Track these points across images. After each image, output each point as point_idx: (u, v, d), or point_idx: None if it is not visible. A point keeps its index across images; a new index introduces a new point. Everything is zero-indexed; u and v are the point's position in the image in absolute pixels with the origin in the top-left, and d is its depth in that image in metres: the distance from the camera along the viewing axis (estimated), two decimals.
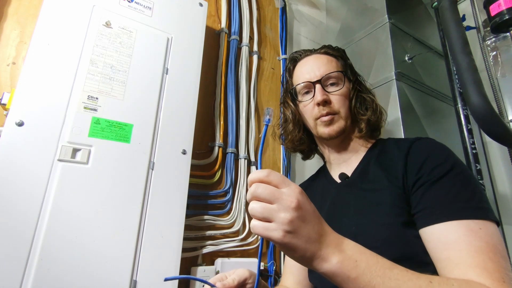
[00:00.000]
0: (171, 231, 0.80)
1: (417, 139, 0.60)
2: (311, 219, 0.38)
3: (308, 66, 0.71)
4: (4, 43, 0.80)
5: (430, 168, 0.52)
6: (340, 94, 0.67)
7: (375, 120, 0.68)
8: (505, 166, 1.22)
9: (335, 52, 0.73)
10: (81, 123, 0.73)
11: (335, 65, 0.70)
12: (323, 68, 0.68)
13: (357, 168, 0.66)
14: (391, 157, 0.60)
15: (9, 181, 0.63)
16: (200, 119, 1.03)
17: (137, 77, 0.84)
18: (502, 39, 0.89)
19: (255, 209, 0.37)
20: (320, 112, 0.66)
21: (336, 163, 0.72)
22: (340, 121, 0.66)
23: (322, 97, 0.65)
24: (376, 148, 0.67)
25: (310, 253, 0.37)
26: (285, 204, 0.36)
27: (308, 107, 0.69)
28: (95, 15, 0.82)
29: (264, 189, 0.37)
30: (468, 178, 0.52)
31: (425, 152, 0.56)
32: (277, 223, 0.36)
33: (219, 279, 0.54)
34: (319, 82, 0.67)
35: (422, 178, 0.52)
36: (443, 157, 0.54)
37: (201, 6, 1.03)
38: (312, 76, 0.68)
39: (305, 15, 1.58)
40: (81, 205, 0.69)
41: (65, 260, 0.64)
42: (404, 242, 0.51)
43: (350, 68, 0.73)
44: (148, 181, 0.79)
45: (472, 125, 1.06)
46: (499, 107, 0.88)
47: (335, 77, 0.68)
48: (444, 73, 1.17)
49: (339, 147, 0.70)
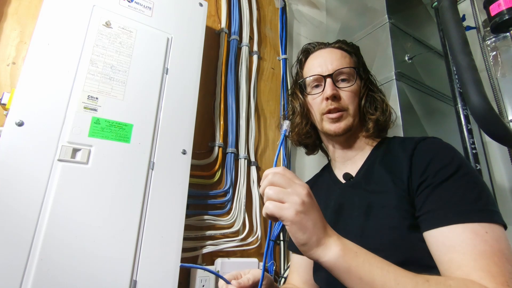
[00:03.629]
0: (171, 231, 0.80)
1: (422, 139, 0.59)
2: (318, 208, 0.43)
3: (320, 59, 0.69)
4: (4, 43, 0.80)
5: (435, 170, 0.51)
6: (350, 91, 0.65)
7: (384, 120, 0.67)
8: (505, 166, 1.22)
9: (349, 48, 0.71)
10: (81, 123, 0.73)
11: (348, 61, 0.68)
12: (336, 63, 0.66)
13: (362, 168, 0.65)
14: (396, 158, 0.59)
15: (9, 181, 0.63)
16: (200, 119, 1.03)
17: (137, 77, 0.84)
18: (502, 39, 0.89)
19: (271, 192, 0.41)
20: (328, 106, 0.64)
21: (341, 161, 0.71)
22: (348, 119, 0.65)
23: (332, 91, 0.63)
24: (381, 147, 0.66)
25: (316, 238, 0.40)
26: (298, 189, 0.41)
27: (317, 100, 0.67)
28: (95, 15, 0.81)
29: (279, 178, 0.42)
30: (475, 180, 0.50)
31: (430, 154, 0.54)
32: (290, 203, 0.40)
33: (234, 277, 0.55)
34: (330, 77, 0.65)
35: (427, 181, 0.51)
36: (448, 159, 0.53)
37: (201, 6, 1.03)
38: (324, 70, 0.66)
39: (305, 15, 1.58)
40: (81, 205, 0.69)
41: (65, 260, 0.64)
42: (410, 246, 0.50)
43: (363, 66, 0.71)
44: (148, 181, 0.79)
45: (472, 125, 1.06)
46: (499, 107, 0.88)
47: (347, 73, 0.66)
48: (444, 73, 1.17)
49: (344, 144, 0.69)
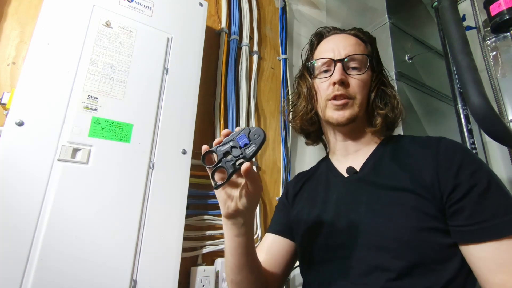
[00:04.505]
0: (171, 231, 0.80)
1: (441, 137, 0.56)
2: None
3: (333, 44, 0.65)
4: (4, 43, 0.80)
5: (469, 176, 0.48)
6: (360, 79, 0.62)
7: (393, 117, 0.63)
8: (505, 166, 1.21)
9: (365, 37, 0.68)
10: (81, 123, 0.73)
11: (362, 49, 0.65)
12: (349, 49, 0.63)
13: (367, 163, 0.62)
14: (413, 156, 0.56)
15: (9, 181, 0.63)
16: (200, 119, 1.03)
17: (137, 77, 0.84)
18: (502, 39, 0.89)
19: None
20: (334, 92, 0.61)
21: (342, 154, 0.67)
22: (353, 108, 0.61)
23: (340, 76, 0.60)
24: (389, 144, 0.63)
25: None
26: None
27: (323, 85, 0.64)
28: (95, 15, 0.81)
29: None
30: (503, 186, 0.49)
31: (458, 155, 0.51)
32: None
33: None
34: (341, 62, 0.62)
35: (462, 186, 0.48)
36: (477, 164, 0.50)
37: (201, 6, 1.03)
38: (336, 54, 0.63)
39: (305, 15, 1.57)
40: (81, 205, 0.69)
41: (65, 260, 0.64)
42: (424, 248, 0.48)
43: (377, 58, 0.68)
44: (148, 181, 0.79)
45: (472, 125, 1.06)
46: (499, 107, 0.88)
47: (359, 60, 0.62)
48: (444, 73, 1.17)
49: (348, 136, 0.65)
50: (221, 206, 0.52)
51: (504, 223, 0.45)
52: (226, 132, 0.50)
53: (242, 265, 0.57)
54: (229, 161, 0.47)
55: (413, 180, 0.53)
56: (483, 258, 0.45)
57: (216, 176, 0.49)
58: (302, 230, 0.65)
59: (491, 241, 0.45)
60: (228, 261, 0.58)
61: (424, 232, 0.49)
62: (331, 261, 0.57)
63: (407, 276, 0.48)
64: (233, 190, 0.50)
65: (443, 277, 0.47)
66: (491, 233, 0.45)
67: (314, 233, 0.61)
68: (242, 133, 0.48)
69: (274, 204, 1.16)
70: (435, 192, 0.50)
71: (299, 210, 0.68)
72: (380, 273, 0.49)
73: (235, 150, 0.48)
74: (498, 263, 0.43)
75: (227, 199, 0.51)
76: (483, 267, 0.45)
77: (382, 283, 0.49)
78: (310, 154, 1.35)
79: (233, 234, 0.54)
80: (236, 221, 0.53)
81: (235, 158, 0.47)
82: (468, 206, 0.47)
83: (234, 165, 0.47)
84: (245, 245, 0.55)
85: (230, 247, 0.56)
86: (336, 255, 0.56)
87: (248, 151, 0.47)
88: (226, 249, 0.58)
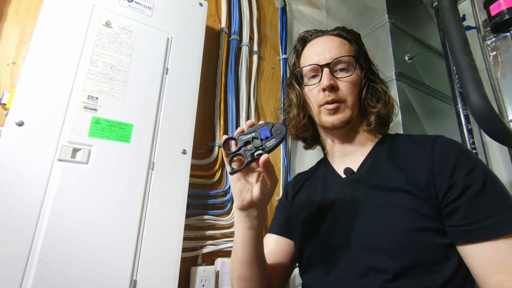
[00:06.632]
0: (171, 231, 0.80)
1: (437, 136, 0.56)
2: None
3: (318, 48, 0.65)
4: (4, 43, 0.80)
5: (464, 175, 0.48)
6: (349, 81, 0.61)
7: (386, 113, 0.63)
8: (505, 166, 1.21)
9: (349, 35, 0.67)
10: (81, 123, 0.73)
11: (347, 49, 0.64)
12: (334, 51, 0.62)
13: (364, 163, 0.61)
14: (408, 156, 0.56)
15: (9, 181, 0.63)
16: (200, 119, 1.03)
17: (137, 77, 0.84)
18: (502, 39, 0.89)
19: None
20: (325, 98, 0.60)
21: (339, 156, 0.67)
22: (346, 111, 0.61)
23: (328, 82, 0.60)
24: (385, 143, 0.63)
25: None
26: None
27: (313, 91, 0.63)
28: (95, 15, 0.81)
29: None
30: (501, 184, 0.48)
31: (453, 153, 0.51)
32: None
33: None
34: (328, 66, 0.61)
35: (457, 186, 0.48)
36: (473, 163, 0.50)
37: (201, 6, 1.03)
38: (321, 59, 0.63)
39: (305, 15, 1.57)
40: (81, 205, 0.69)
41: (65, 260, 0.64)
42: (419, 250, 0.48)
43: (364, 54, 0.67)
44: (148, 181, 0.79)
45: (472, 125, 1.06)
46: (499, 107, 0.88)
47: (346, 62, 0.62)
48: (444, 73, 1.17)
49: (344, 138, 0.65)
50: (235, 198, 0.53)
51: (500, 222, 0.44)
52: (250, 123, 0.51)
53: (252, 259, 0.57)
54: (248, 150, 0.49)
55: (408, 181, 0.52)
56: (480, 258, 0.44)
57: (233, 164, 0.50)
58: (299, 230, 0.65)
59: (487, 241, 0.44)
60: (238, 255, 0.58)
61: (420, 233, 0.48)
62: (327, 262, 0.57)
63: (404, 277, 0.47)
64: (248, 182, 0.51)
65: (441, 277, 0.46)
66: (487, 233, 0.44)
67: (311, 234, 0.62)
68: (265, 127, 0.50)
69: (274, 204, 1.16)
70: (431, 192, 0.50)
71: (298, 211, 0.68)
72: (377, 274, 0.49)
73: (256, 141, 0.49)
74: (494, 263, 0.42)
75: (242, 191, 0.51)
76: (479, 267, 0.45)
77: (379, 284, 0.48)
78: (310, 154, 1.34)
79: (245, 226, 0.55)
80: (250, 214, 0.53)
81: (255, 148, 0.49)
82: (464, 206, 0.47)
83: (253, 154, 0.49)
84: (256, 239, 0.56)
85: (242, 240, 0.56)
86: (333, 256, 0.56)
87: (268, 144, 0.49)
88: (236, 242, 0.58)
